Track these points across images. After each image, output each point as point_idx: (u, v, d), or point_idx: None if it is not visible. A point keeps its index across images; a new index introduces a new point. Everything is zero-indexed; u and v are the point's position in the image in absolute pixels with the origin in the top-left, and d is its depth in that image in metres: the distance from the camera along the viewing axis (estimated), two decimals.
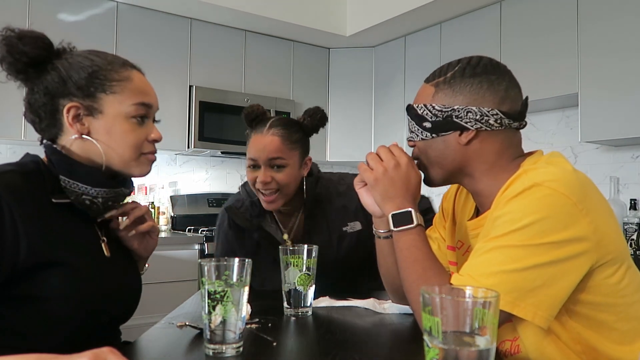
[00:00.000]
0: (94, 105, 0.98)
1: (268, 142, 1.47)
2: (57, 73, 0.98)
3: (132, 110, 1.00)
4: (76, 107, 0.97)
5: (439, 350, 0.60)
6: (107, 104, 0.99)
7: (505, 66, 1.02)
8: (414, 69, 3.61)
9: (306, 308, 1.21)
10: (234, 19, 3.47)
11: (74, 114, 0.97)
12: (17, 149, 3.18)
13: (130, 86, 1.01)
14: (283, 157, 1.48)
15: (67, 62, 0.99)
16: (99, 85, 0.98)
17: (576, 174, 0.90)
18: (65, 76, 0.98)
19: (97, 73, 0.99)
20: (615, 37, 2.50)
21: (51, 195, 0.95)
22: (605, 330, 0.91)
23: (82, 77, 0.98)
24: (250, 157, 1.50)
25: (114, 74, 1.00)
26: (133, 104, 1.00)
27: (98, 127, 0.99)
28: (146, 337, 1.03)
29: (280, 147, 1.47)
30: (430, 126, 0.99)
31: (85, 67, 0.99)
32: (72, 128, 0.98)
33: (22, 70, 0.97)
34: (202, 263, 0.89)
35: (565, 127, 3.06)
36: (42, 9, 2.96)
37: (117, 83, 0.99)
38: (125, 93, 1.00)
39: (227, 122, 3.50)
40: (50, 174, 0.97)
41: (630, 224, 2.54)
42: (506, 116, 0.97)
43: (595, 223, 0.85)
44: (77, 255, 0.96)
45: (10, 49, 0.95)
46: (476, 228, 1.04)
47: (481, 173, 1.00)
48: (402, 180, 1.02)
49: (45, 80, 0.98)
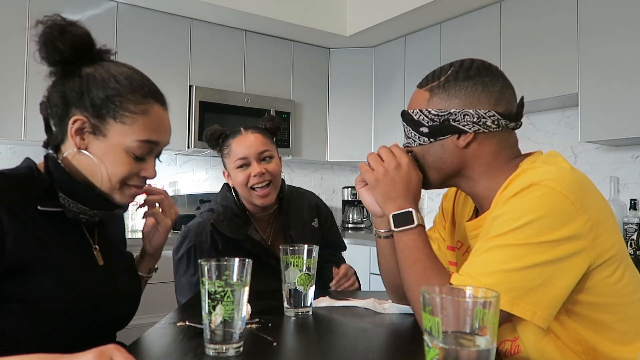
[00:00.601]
0: (100, 127, 0.97)
1: (253, 139, 1.58)
2: (79, 83, 0.97)
3: (134, 146, 0.98)
4: (82, 122, 0.97)
5: (440, 350, 0.60)
6: (113, 130, 0.97)
7: (497, 67, 1.02)
8: (414, 69, 3.61)
9: (306, 308, 1.21)
10: (234, 19, 3.47)
11: (78, 126, 0.97)
12: (17, 149, 3.17)
13: (142, 121, 0.98)
14: (269, 149, 1.61)
15: (93, 75, 0.97)
16: (112, 110, 0.96)
17: (574, 173, 0.90)
18: (85, 89, 0.96)
19: (114, 98, 0.96)
20: (615, 37, 2.50)
21: (39, 202, 0.94)
22: (604, 330, 0.91)
23: (99, 97, 0.96)
24: (239, 157, 1.58)
25: (131, 104, 0.97)
26: (137, 140, 0.98)
27: (96, 147, 0.98)
28: (146, 337, 1.03)
29: (264, 140, 1.60)
30: (428, 131, 1.00)
31: (107, 87, 0.97)
32: (72, 140, 0.97)
33: (53, 64, 0.97)
34: (202, 263, 0.89)
35: (565, 127, 3.06)
36: (42, 9, 2.95)
37: (130, 115, 0.97)
38: (134, 127, 0.97)
39: (227, 122, 3.49)
40: (43, 181, 0.97)
41: (630, 224, 2.54)
42: (502, 117, 0.97)
43: (592, 221, 0.86)
44: (66, 259, 0.96)
45: (47, 43, 0.94)
46: (475, 229, 1.04)
47: (479, 175, 1.01)
48: (403, 180, 1.02)
49: (66, 84, 0.97)
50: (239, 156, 1.57)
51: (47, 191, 0.96)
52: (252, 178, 1.56)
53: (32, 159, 1.03)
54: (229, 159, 1.61)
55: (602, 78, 2.54)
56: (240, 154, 1.57)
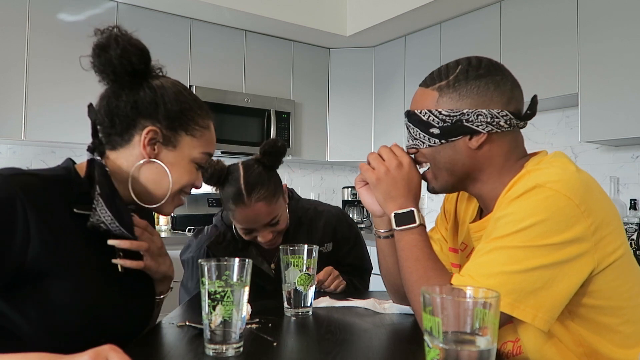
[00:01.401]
0: (172, 139, 1.01)
1: (257, 211, 1.44)
2: (153, 94, 1.00)
3: (200, 157, 1.04)
4: (155, 132, 0.99)
5: (440, 351, 0.59)
6: (183, 142, 1.02)
7: (504, 66, 1.00)
8: (414, 69, 3.61)
9: (306, 308, 1.21)
10: (234, 19, 3.47)
11: (151, 137, 0.99)
12: (17, 149, 3.17)
13: (207, 136, 1.05)
14: (276, 213, 1.48)
15: (163, 87, 1.01)
16: (185, 123, 1.02)
17: (579, 175, 0.89)
18: (159, 101, 1.00)
19: (187, 111, 1.02)
20: (615, 37, 2.50)
21: (73, 205, 0.94)
22: (608, 333, 0.90)
23: (174, 110, 1.00)
24: (243, 227, 1.49)
25: (200, 119, 1.04)
26: (202, 153, 1.04)
27: (165, 158, 1.01)
28: (146, 337, 1.03)
29: (268, 209, 1.45)
30: (439, 132, 0.97)
31: (180, 101, 1.02)
32: (143, 149, 0.99)
33: (120, 74, 0.97)
34: (202, 263, 0.89)
35: (565, 127, 3.06)
36: (42, 9, 2.96)
37: (199, 129, 1.03)
38: (201, 140, 1.04)
39: (227, 122, 3.50)
40: (81, 185, 0.97)
41: (631, 224, 2.54)
42: (514, 116, 0.96)
43: (596, 224, 0.85)
44: (86, 267, 0.94)
45: (124, 52, 0.95)
46: (480, 230, 1.03)
47: (489, 176, 0.99)
48: (404, 180, 1.01)
49: (137, 95, 0.99)
50: (244, 226, 1.49)
51: (83, 195, 0.95)
52: (261, 242, 1.51)
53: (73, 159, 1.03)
54: (233, 218, 1.50)
55: (602, 78, 2.54)
56: (244, 224, 1.48)
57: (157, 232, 1.11)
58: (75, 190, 0.96)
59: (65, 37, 3.00)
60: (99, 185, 0.95)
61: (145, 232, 1.05)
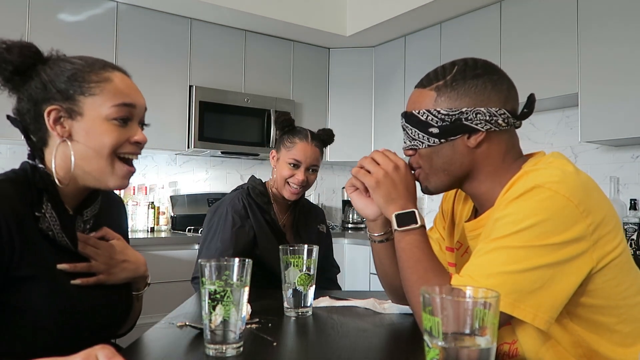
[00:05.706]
0: (74, 108, 0.97)
1: (313, 151, 1.85)
2: (40, 79, 0.98)
3: (112, 112, 0.98)
4: (56, 110, 0.97)
5: (440, 351, 0.60)
6: (87, 106, 0.97)
7: (499, 67, 1.02)
8: (414, 69, 3.61)
9: (306, 308, 1.21)
10: (234, 19, 3.47)
11: (54, 116, 0.97)
12: (17, 149, 3.17)
13: (110, 87, 0.99)
14: (318, 165, 1.89)
15: (50, 68, 0.99)
16: (78, 87, 0.97)
17: (578, 175, 0.90)
18: (46, 80, 0.97)
19: (75, 75, 0.98)
20: (615, 37, 2.50)
21: (33, 208, 0.95)
22: (606, 333, 0.91)
23: (62, 81, 0.97)
24: (295, 158, 1.83)
25: (93, 75, 0.98)
26: (113, 106, 0.98)
27: (78, 130, 0.97)
28: (146, 337, 1.03)
29: (319, 157, 1.88)
30: (438, 131, 0.97)
31: (66, 70, 0.98)
32: (54, 131, 0.97)
33: (9, 78, 0.97)
34: (202, 263, 0.89)
35: (565, 127, 3.06)
36: (42, 9, 2.96)
37: (96, 85, 0.98)
38: (104, 95, 0.98)
39: (227, 122, 3.50)
40: (36, 186, 0.97)
41: (630, 224, 2.54)
42: (512, 115, 0.97)
43: (595, 224, 0.85)
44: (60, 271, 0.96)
45: None
46: (474, 229, 1.04)
47: (485, 176, 1.00)
48: (403, 181, 1.02)
49: (29, 87, 0.98)
50: (297, 158, 1.83)
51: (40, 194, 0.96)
52: (294, 178, 1.83)
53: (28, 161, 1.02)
54: (287, 151, 1.84)
55: (602, 78, 2.54)
56: (298, 156, 1.83)
57: (106, 244, 1.07)
58: (33, 192, 0.96)
59: (65, 37, 3.00)
60: (45, 192, 0.97)
61: (88, 247, 1.02)
